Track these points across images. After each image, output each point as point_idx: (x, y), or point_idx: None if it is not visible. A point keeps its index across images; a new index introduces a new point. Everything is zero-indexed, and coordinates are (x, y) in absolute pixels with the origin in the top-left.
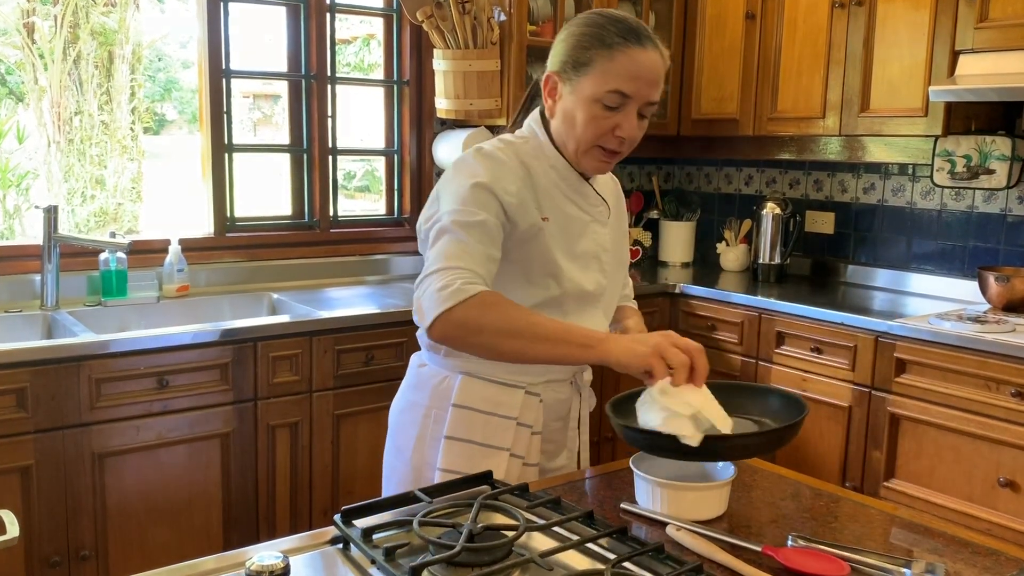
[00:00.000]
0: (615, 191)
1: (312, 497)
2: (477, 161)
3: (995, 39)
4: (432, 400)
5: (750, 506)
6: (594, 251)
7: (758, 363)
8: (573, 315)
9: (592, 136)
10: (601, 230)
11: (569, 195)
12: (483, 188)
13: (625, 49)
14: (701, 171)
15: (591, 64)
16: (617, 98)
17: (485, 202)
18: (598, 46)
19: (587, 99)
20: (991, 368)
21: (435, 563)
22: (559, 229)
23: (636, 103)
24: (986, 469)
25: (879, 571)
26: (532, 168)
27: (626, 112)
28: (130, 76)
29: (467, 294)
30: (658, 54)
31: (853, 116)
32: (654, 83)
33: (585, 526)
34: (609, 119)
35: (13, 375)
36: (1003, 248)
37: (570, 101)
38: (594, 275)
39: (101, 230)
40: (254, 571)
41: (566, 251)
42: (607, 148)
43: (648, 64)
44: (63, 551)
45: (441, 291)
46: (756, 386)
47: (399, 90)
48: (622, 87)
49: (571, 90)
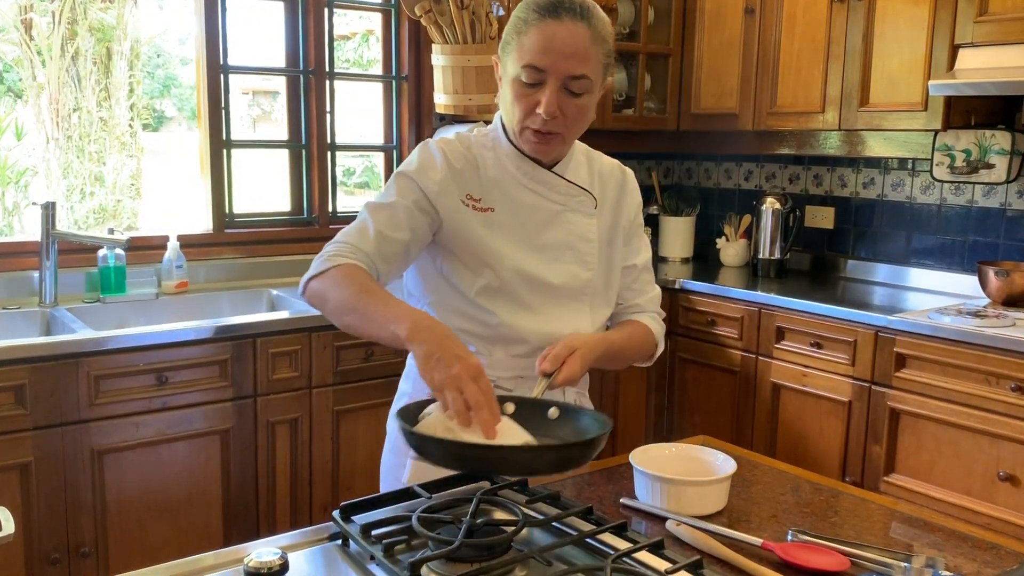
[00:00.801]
0: (619, 182)
1: (312, 493)
2: (416, 154)
3: (995, 33)
4: (415, 390)
5: (750, 501)
6: (567, 241)
7: (758, 358)
8: (544, 310)
9: (518, 116)
10: (582, 220)
11: (525, 183)
12: (405, 176)
13: (537, 23)
14: (701, 166)
15: (512, 43)
16: (533, 73)
17: (404, 189)
18: (519, 24)
19: (510, 78)
20: (991, 363)
21: (434, 558)
22: (511, 219)
23: (555, 77)
24: (986, 463)
25: (879, 565)
26: (482, 159)
27: (546, 88)
28: (128, 73)
29: (329, 265)
30: (580, 26)
31: (853, 110)
32: (571, 56)
33: (585, 521)
34: (530, 97)
35: (12, 372)
36: (1003, 242)
37: (504, 84)
38: (567, 267)
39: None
40: (252, 567)
41: (523, 241)
42: (533, 128)
43: (562, 36)
44: (63, 548)
45: (315, 260)
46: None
47: (398, 85)
48: (534, 60)
49: (503, 72)
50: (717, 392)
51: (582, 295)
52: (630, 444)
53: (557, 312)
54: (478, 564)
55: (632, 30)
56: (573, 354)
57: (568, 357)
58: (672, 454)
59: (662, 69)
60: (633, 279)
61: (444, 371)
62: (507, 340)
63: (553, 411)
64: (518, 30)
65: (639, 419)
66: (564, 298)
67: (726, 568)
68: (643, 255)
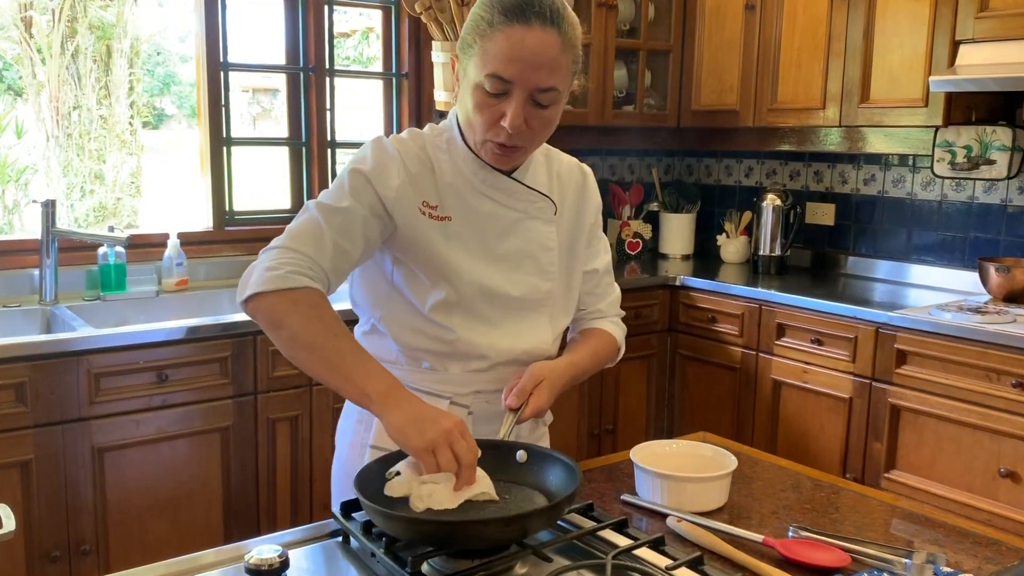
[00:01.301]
0: (579, 184)
1: (313, 491)
2: (370, 149)
3: (996, 29)
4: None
5: (751, 497)
6: (527, 250)
7: (758, 355)
8: (503, 324)
9: (480, 126)
10: (541, 228)
11: (483, 191)
12: (361, 176)
13: (504, 28)
14: (701, 163)
15: (474, 45)
16: (497, 83)
17: (359, 191)
18: (482, 25)
19: (471, 84)
20: (991, 359)
21: (435, 555)
22: (469, 228)
23: (522, 89)
24: (987, 460)
25: (880, 562)
26: (437, 162)
27: (512, 100)
28: (128, 70)
29: (287, 284)
30: (550, 33)
31: (853, 107)
32: (540, 66)
33: (585, 518)
34: (494, 107)
35: (12, 370)
36: (1003, 239)
37: (462, 87)
38: (527, 278)
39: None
40: (253, 565)
41: (481, 252)
42: (495, 140)
43: (531, 45)
44: (63, 546)
45: (268, 271)
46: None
47: (398, 83)
48: (499, 70)
49: (463, 75)
50: (718, 389)
51: (542, 306)
52: (630, 441)
53: (516, 325)
54: (479, 560)
55: (632, 27)
56: (540, 385)
57: (535, 388)
58: (673, 451)
59: (662, 66)
60: (595, 284)
61: (434, 429)
62: (464, 356)
63: (521, 454)
64: (480, 32)
65: (639, 416)
66: (524, 310)
67: (727, 564)
68: (603, 258)
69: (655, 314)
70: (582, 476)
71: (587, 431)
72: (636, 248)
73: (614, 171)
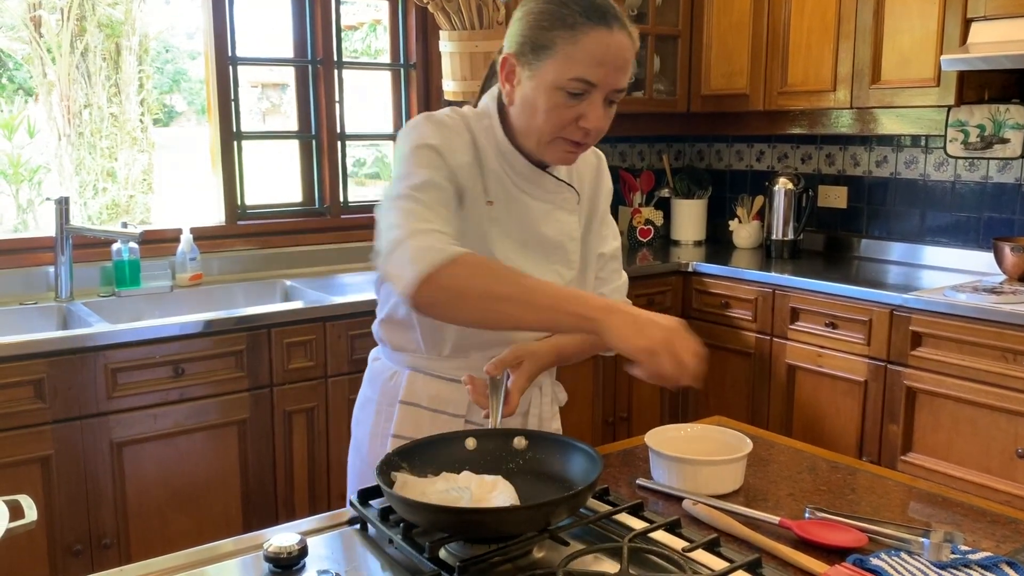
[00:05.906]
0: (595, 168)
1: (330, 481)
2: (427, 125)
3: (1008, 5)
4: (383, 396)
5: (766, 480)
6: (556, 240)
7: (772, 340)
8: None
9: (554, 126)
10: (568, 218)
11: (517, 182)
12: (432, 149)
13: (590, 31)
14: (712, 148)
15: (552, 47)
16: (581, 85)
17: (434, 163)
18: (560, 27)
19: (548, 86)
20: (1008, 339)
21: (452, 541)
22: (509, 215)
23: (602, 91)
24: (1004, 441)
25: (897, 541)
26: (482, 147)
27: (591, 100)
28: (138, 68)
29: (449, 255)
30: (626, 35)
31: (864, 88)
32: (622, 68)
33: (601, 502)
34: (573, 108)
35: (30, 366)
36: (1018, 218)
37: (529, 88)
38: (554, 267)
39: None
40: (272, 552)
41: (518, 240)
42: (571, 139)
43: (616, 48)
44: (85, 539)
45: (421, 252)
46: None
47: (406, 73)
48: (586, 74)
49: (530, 75)
50: (732, 375)
51: None
52: (645, 428)
53: None
54: (495, 545)
55: (641, 12)
56: (520, 368)
57: (515, 372)
58: (687, 434)
59: (671, 51)
60: (600, 267)
61: (653, 339)
62: (487, 344)
63: (519, 440)
64: (564, 37)
65: (654, 402)
66: None
67: (743, 546)
68: (611, 244)
69: (668, 301)
70: (603, 463)
71: (601, 419)
72: (648, 235)
73: (624, 158)
